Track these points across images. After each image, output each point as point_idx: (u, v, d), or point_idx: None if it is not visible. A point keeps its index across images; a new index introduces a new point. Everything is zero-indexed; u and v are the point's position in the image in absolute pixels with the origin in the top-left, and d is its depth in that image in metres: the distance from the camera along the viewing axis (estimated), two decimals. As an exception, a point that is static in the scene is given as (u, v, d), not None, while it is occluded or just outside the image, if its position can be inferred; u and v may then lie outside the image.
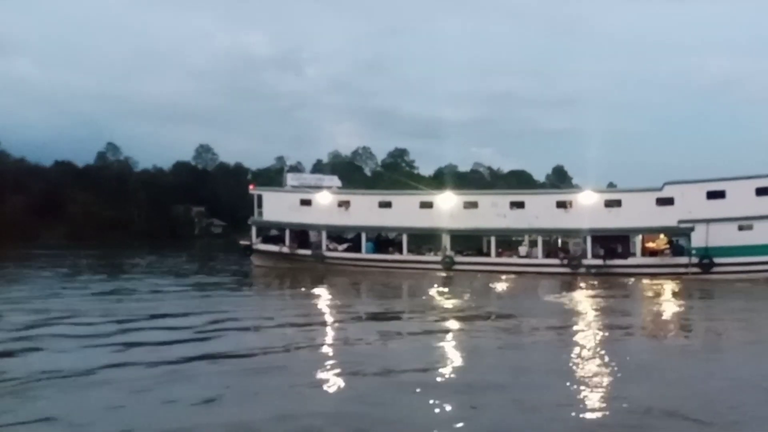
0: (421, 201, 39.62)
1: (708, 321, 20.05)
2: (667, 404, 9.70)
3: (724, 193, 33.05)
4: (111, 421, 9.22)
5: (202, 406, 10.04)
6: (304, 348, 14.49)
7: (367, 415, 9.50)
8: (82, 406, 9.99)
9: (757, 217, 31.74)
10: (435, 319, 19.59)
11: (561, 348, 14.98)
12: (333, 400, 10.52)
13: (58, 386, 11.04)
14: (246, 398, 10.44)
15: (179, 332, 16.45)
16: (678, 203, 33.69)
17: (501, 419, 9.32)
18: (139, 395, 10.55)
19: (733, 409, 9.72)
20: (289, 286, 32.35)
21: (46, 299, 23.06)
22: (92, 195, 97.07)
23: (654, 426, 8.91)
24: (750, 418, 9.35)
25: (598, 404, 10.03)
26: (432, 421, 9.23)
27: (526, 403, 10.05)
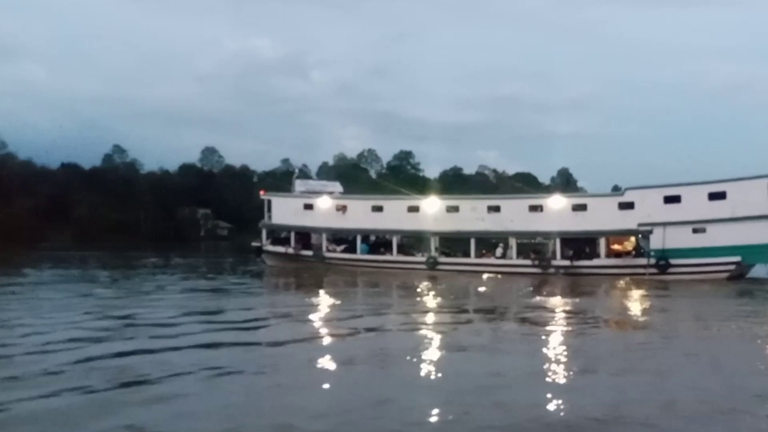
0: (409, 205, 42.04)
1: (662, 315, 21.85)
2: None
3: (680, 198, 34.76)
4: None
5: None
6: (306, 340, 16.14)
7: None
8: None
9: (709, 221, 33.38)
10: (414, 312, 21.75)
11: (530, 338, 16.89)
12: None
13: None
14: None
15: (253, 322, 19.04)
16: (638, 207, 35.37)
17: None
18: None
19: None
20: (295, 285, 34.94)
21: (106, 299, 24.41)
22: (99, 197, 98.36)
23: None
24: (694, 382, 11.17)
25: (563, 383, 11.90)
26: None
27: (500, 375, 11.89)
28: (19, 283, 31.62)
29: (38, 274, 37.71)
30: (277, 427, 8.91)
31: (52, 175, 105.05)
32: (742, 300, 26.15)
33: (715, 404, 9.97)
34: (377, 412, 9.57)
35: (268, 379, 11.79)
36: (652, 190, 36.96)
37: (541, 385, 11.17)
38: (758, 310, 22.59)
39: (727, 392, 10.65)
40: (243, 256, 54.81)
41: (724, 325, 19.00)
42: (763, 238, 31.77)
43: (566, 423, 9.09)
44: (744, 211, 32.18)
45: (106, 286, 31.01)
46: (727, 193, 33.23)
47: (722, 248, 32.59)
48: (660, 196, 35.23)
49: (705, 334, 17.74)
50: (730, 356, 13.97)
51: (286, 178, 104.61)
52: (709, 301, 26.19)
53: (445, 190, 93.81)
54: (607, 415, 9.34)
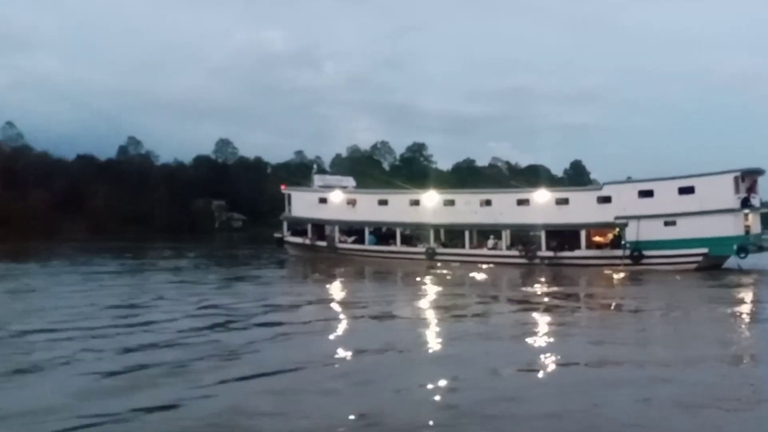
0: (411, 199, 46.05)
1: (633, 301, 25.44)
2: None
3: (653, 192, 37.85)
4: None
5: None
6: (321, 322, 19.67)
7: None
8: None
9: (679, 214, 36.33)
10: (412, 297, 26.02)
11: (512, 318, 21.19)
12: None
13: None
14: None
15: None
16: (615, 201, 38.45)
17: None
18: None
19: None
20: (314, 274, 38.60)
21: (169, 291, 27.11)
22: (114, 189, 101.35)
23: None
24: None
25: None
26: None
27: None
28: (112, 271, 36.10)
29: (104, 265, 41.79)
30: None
31: (67, 167, 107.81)
32: (703, 289, 29.04)
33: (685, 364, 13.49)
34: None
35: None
36: (628, 185, 40.73)
37: (524, 358, 14.05)
38: (714, 296, 25.92)
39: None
40: (261, 247, 59.62)
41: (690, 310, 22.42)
42: (729, 230, 35.06)
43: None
44: (711, 204, 35.19)
45: (180, 277, 34.41)
46: (696, 187, 36.25)
47: (691, 240, 35.52)
48: (635, 191, 38.42)
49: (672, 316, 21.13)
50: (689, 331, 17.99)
51: (300, 171, 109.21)
52: (677, 289, 29.20)
53: (458, 182, 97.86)
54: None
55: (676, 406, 10.28)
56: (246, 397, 10.75)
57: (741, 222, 35.69)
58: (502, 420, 9.61)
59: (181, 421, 9.56)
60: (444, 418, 9.58)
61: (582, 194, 41.78)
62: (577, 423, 9.52)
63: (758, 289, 29.39)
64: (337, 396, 10.99)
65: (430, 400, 10.75)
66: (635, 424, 9.49)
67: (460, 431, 9.09)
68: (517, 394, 10.93)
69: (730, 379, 12.34)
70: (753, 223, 36.58)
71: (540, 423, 9.53)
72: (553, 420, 9.56)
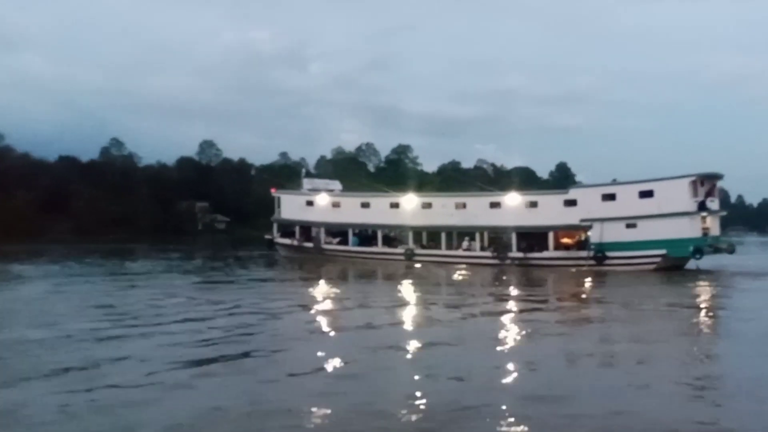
0: (391, 202, 49.08)
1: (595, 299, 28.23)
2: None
3: (615, 195, 40.77)
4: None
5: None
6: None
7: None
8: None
9: (640, 217, 39.14)
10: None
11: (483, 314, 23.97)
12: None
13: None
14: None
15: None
16: (580, 204, 41.18)
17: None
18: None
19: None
20: (304, 274, 40.37)
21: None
22: (97, 190, 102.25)
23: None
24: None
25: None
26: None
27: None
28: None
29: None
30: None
31: (50, 168, 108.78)
32: (658, 287, 31.49)
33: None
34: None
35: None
36: (592, 189, 43.71)
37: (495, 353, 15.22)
38: (663, 294, 28.45)
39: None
40: (250, 248, 61.98)
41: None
42: (685, 232, 37.79)
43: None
44: (669, 207, 37.96)
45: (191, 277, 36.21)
46: (655, 191, 38.98)
47: (650, 242, 38.20)
48: (598, 194, 41.29)
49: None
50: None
51: (285, 172, 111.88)
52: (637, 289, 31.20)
53: (444, 184, 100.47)
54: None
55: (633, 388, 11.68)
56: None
57: (698, 224, 38.35)
58: (475, 408, 10.31)
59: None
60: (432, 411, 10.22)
61: (550, 197, 44.32)
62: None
63: (704, 286, 31.76)
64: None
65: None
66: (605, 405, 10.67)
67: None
68: (489, 385, 11.94)
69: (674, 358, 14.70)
70: (711, 225, 39.34)
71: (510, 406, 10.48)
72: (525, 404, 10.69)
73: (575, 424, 9.60)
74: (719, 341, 17.84)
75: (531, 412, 10.15)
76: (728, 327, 20.15)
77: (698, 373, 13.16)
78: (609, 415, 9.96)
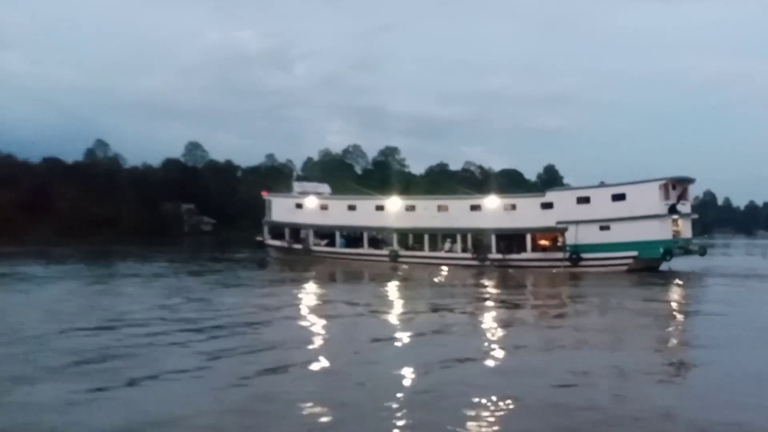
0: (376, 204, 50.74)
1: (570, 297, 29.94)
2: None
3: (589, 199, 42.29)
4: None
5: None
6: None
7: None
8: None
9: (613, 219, 40.74)
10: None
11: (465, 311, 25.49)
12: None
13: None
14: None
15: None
16: (556, 207, 42.80)
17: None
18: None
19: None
20: (294, 275, 40.75)
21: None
22: (81, 191, 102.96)
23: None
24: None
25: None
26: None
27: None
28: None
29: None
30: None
31: (33, 169, 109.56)
32: (630, 288, 32.71)
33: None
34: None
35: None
36: (568, 192, 45.72)
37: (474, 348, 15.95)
38: (636, 294, 30.01)
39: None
40: (238, 251, 63.63)
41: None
42: (656, 234, 39.38)
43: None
44: (640, 210, 39.58)
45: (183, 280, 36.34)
46: (627, 194, 40.68)
47: (622, 244, 39.83)
48: (573, 197, 42.93)
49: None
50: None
51: (271, 174, 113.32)
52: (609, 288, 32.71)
53: (432, 186, 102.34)
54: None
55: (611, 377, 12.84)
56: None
57: (668, 227, 40.01)
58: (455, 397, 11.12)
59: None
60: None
61: (527, 200, 46.00)
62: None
63: (672, 287, 33.37)
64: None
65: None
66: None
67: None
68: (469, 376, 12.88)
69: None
70: (683, 228, 41.14)
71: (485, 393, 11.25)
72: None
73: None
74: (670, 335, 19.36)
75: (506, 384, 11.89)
76: (679, 325, 21.78)
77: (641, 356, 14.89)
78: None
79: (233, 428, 9.50)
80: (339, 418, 9.92)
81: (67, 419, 9.84)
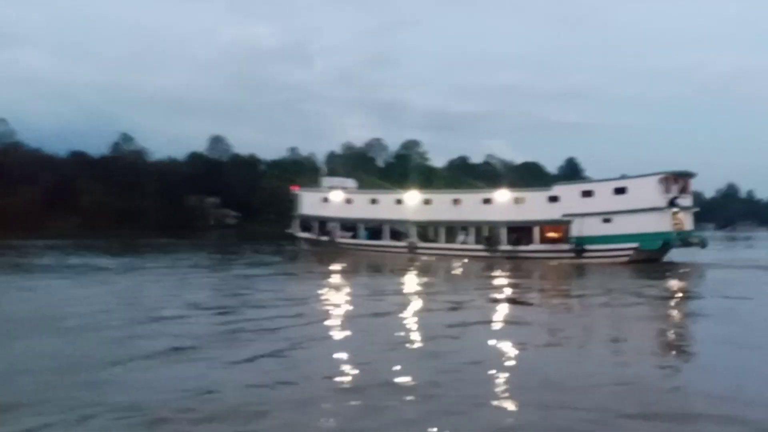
0: (396, 198, 54.58)
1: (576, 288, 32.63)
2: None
3: (593, 192, 45.16)
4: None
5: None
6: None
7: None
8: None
9: (615, 212, 43.33)
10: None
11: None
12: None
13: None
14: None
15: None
16: (562, 200, 45.67)
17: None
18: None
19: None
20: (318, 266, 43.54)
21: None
22: (106, 186, 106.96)
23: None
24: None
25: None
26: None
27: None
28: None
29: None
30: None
31: (59, 164, 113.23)
32: (624, 278, 34.38)
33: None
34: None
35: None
36: (573, 186, 48.88)
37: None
38: (632, 284, 31.92)
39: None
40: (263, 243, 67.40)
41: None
42: (655, 227, 42.06)
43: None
44: (640, 203, 42.23)
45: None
46: (628, 188, 43.44)
47: (624, 236, 42.46)
48: (578, 191, 45.90)
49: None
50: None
51: (294, 168, 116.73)
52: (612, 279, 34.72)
53: (453, 179, 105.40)
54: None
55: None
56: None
57: (668, 219, 42.66)
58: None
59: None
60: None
61: (536, 194, 48.83)
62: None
63: (669, 277, 35.11)
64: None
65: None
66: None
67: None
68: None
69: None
70: (684, 220, 43.98)
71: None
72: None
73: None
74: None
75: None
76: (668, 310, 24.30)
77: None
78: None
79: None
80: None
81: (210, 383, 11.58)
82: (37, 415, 9.52)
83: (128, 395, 10.61)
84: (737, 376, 12.51)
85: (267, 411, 9.93)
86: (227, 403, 10.39)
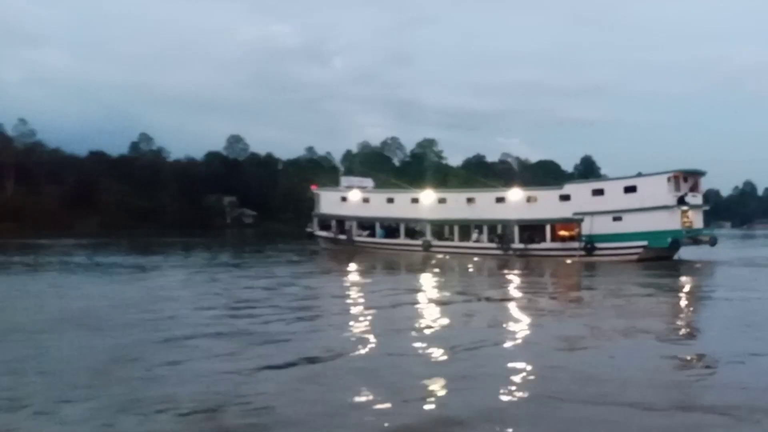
0: (412, 197, 55.81)
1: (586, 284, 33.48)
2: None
3: (603, 191, 45.97)
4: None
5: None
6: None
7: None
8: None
9: (625, 210, 43.96)
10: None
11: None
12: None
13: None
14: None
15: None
16: (573, 199, 46.30)
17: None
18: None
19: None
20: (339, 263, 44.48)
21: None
22: (125, 185, 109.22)
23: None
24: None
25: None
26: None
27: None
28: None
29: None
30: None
31: (80, 163, 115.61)
32: (634, 276, 34.56)
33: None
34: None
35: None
36: (583, 185, 49.88)
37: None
38: (643, 282, 32.02)
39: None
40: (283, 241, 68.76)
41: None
42: (664, 225, 42.80)
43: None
44: (650, 202, 42.93)
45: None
46: (638, 187, 44.17)
47: (633, 234, 43.14)
48: (589, 190, 46.85)
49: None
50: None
51: (311, 167, 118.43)
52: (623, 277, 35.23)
53: (469, 178, 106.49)
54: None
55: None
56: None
57: (677, 217, 43.45)
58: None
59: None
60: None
61: (547, 193, 49.82)
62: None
63: (679, 275, 35.52)
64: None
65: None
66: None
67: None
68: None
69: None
70: (694, 218, 44.76)
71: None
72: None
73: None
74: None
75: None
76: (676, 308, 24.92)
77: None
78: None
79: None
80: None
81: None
82: (97, 409, 9.56)
83: (183, 388, 10.72)
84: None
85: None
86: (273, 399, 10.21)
